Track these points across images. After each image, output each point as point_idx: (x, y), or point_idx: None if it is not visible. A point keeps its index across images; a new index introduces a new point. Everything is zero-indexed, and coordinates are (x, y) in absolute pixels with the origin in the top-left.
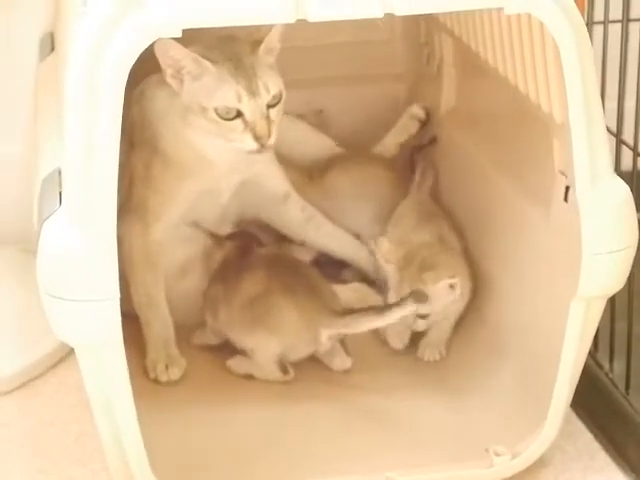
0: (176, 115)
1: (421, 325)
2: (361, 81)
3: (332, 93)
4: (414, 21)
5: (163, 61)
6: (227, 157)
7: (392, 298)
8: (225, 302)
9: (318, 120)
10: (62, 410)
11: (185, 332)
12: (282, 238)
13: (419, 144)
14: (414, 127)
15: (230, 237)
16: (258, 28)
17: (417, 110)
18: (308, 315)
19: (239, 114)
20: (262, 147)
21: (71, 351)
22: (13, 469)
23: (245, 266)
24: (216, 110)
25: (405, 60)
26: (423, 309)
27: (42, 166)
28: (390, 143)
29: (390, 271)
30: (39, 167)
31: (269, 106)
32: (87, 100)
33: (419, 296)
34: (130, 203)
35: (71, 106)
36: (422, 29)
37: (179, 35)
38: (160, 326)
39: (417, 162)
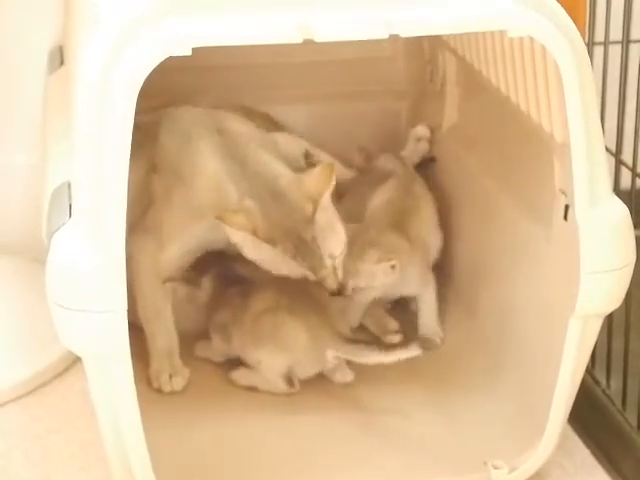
0: (225, 182)
1: (362, 298)
2: (363, 98)
3: (334, 109)
4: (417, 39)
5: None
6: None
7: None
8: (236, 325)
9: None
10: (68, 418)
11: (187, 342)
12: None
13: (418, 162)
14: (424, 147)
15: (202, 271)
16: (306, 180)
17: (422, 131)
18: (316, 334)
19: None
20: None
21: (77, 359)
22: (18, 476)
23: (252, 287)
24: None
25: (408, 77)
26: (361, 283)
27: (51, 178)
28: None
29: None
30: (48, 179)
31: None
32: (97, 116)
33: (426, 343)
34: (146, 222)
35: (81, 121)
36: (426, 47)
37: (189, 53)
38: (165, 338)
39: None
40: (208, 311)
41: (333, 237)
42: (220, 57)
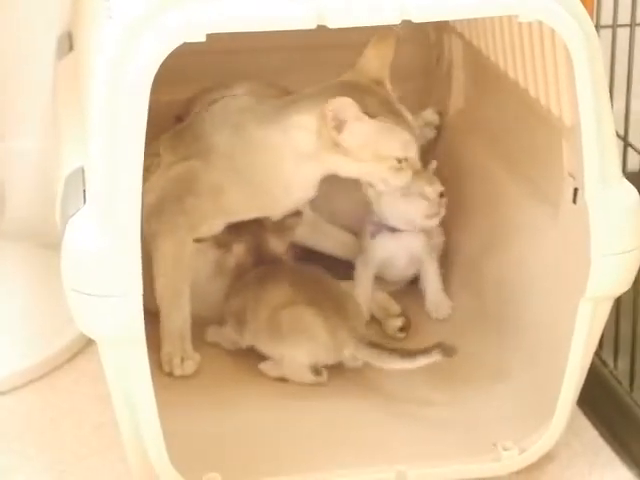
0: (290, 157)
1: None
2: None
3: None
4: (423, 23)
5: (331, 115)
6: (308, 192)
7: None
8: (250, 315)
9: None
10: (80, 401)
11: (198, 326)
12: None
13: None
14: (430, 133)
15: (235, 238)
16: (362, 64)
17: (431, 116)
18: (334, 331)
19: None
20: None
21: (89, 343)
22: (32, 459)
23: (267, 276)
24: (395, 157)
25: (414, 61)
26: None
27: (64, 164)
28: None
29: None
30: (61, 165)
31: None
32: (113, 103)
33: (447, 349)
34: (183, 207)
35: (96, 108)
36: (431, 31)
37: (203, 39)
38: (179, 320)
39: None
40: (230, 295)
41: (407, 111)
42: (222, 41)
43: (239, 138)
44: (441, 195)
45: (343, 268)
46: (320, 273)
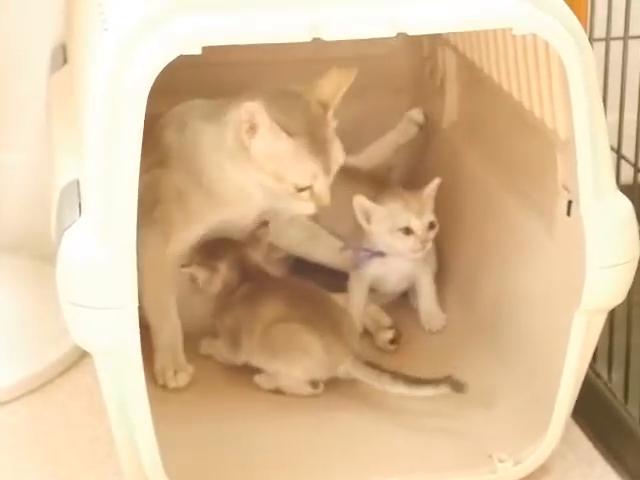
0: (225, 155)
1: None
2: (363, 94)
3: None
4: (418, 35)
5: (244, 117)
6: (267, 194)
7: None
8: (245, 334)
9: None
10: (74, 415)
11: (191, 339)
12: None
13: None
14: (413, 130)
15: (218, 258)
16: (319, 84)
17: (416, 114)
18: (329, 348)
19: (310, 187)
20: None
21: (82, 356)
22: (24, 474)
23: (260, 292)
24: (294, 184)
25: (408, 74)
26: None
27: (59, 177)
28: (387, 144)
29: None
30: (56, 178)
31: None
32: (109, 116)
33: (456, 384)
34: (153, 217)
35: (92, 120)
36: (425, 43)
37: (198, 52)
38: (170, 333)
39: None
40: (215, 308)
41: (339, 144)
42: (217, 54)
43: (187, 137)
44: (431, 226)
45: (336, 280)
46: (314, 287)
